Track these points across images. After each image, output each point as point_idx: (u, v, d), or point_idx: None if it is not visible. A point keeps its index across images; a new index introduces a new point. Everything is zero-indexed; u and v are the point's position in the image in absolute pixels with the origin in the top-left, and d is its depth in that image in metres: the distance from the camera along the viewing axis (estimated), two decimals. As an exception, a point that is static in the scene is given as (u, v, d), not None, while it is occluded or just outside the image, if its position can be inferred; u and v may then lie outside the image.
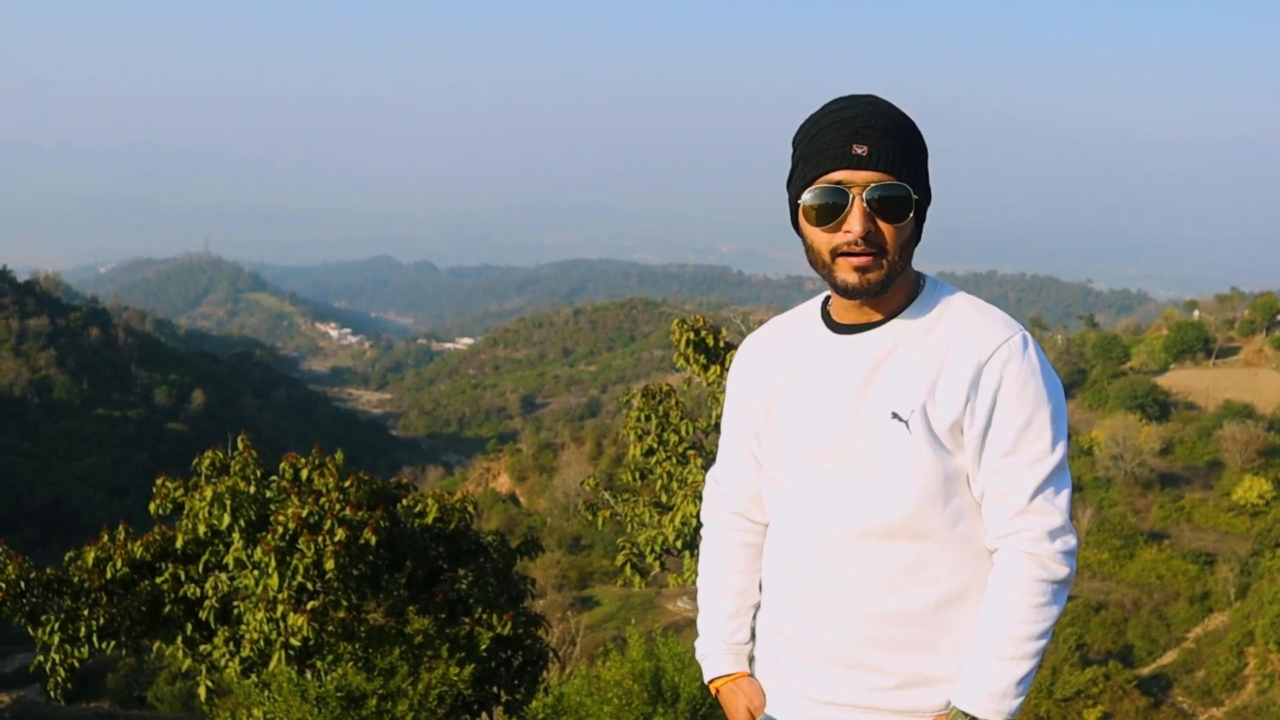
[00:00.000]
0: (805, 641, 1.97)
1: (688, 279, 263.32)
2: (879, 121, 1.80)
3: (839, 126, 1.81)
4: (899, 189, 1.78)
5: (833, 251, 1.83)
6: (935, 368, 1.85)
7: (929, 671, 1.91)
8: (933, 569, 1.88)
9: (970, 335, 1.86)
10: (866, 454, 1.87)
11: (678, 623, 33.23)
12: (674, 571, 7.72)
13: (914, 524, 1.86)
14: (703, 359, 7.26)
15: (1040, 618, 1.85)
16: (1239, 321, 70.66)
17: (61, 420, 76.09)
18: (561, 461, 60.92)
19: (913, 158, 1.82)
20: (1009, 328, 1.87)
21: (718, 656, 2.13)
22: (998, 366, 1.83)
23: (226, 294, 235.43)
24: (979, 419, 1.84)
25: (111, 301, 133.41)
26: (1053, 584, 1.85)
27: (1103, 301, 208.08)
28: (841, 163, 1.79)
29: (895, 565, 1.88)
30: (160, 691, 25.26)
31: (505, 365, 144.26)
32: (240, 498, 6.33)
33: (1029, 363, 1.85)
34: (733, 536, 2.16)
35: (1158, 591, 41.77)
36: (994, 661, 1.85)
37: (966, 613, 1.90)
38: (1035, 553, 1.85)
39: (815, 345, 1.97)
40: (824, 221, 1.82)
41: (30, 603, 6.15)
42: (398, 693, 5.52)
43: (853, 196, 1.78)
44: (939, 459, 1.85)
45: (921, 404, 1.84)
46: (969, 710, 1.85)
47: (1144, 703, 32.22)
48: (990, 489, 1.87)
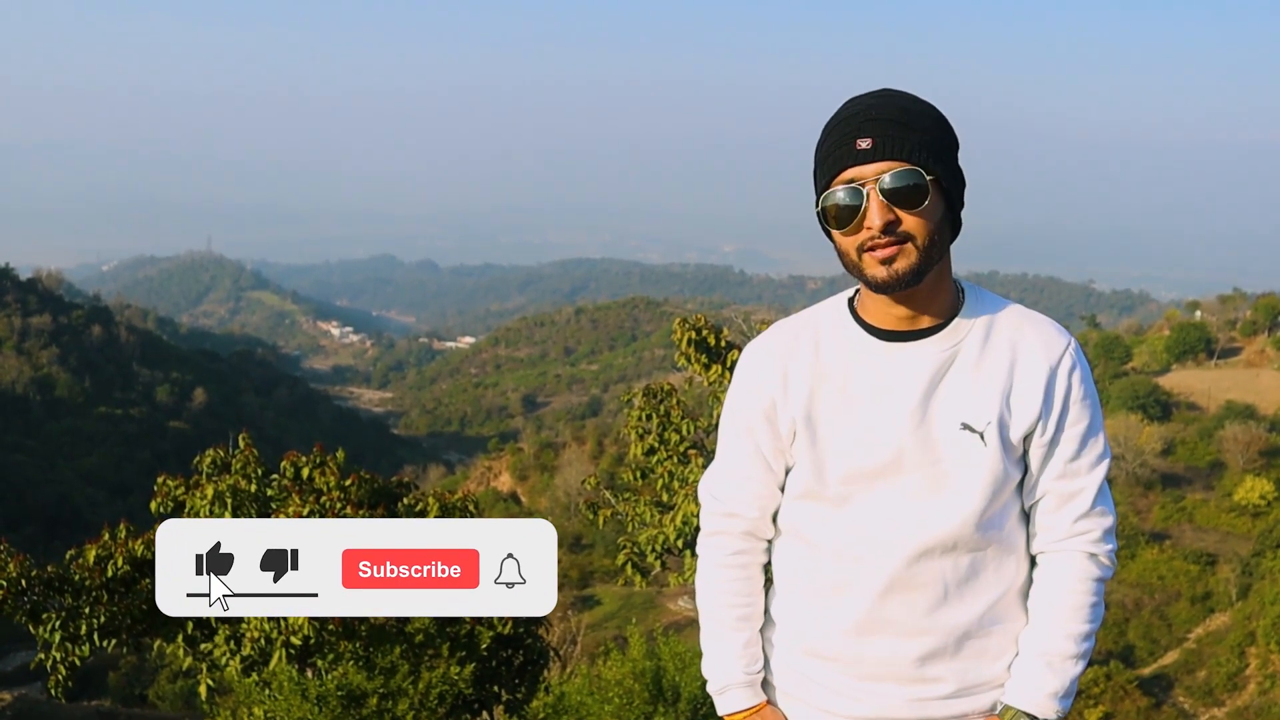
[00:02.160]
0: (855, 660, 1.91)
1: (690, 278, 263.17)
2: (882, 112, 1.77)
3: (844, 125, 1.79)
4: (910, 174, 1.74)
5: (859, 249, 1.79)
6: (1004, 378, 1.84)
7: (980, 677, 1.91)
8: (984, 576, 1.89)
9: (1035, 343, 1.86)
10: (932, 467, 1.84)
11: (679, 622, 33.23)
12: (675, 571, 7.72)
13: (977, 536, 1.85)
14: (704, 358, 7.26)
15: (1095, 616, 1.90)
16: (1241, 322, 70.58)
17: (64, 418, 76.13)
18: (563, 460, 60.92)
19: (927, 141, 1.77)
20: (1065, 334, 1.90)
21: (738, 690, 2.01)
22: (1066, 374, 1.86)
23: (228, 292, 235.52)
24: (1050, 427, 1.85)
25: (114, 300, 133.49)
26: (1103, 583, 1.92)
27: (1105, 302, 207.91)
28: (849, 160, 1.76)
29: (953, 578, 1.87)
30: (162, 690, 25.29)
31: (507, 364, 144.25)
32: (241, 496, 6.34)
33: (1087, 369, 1.89)
34: (741, 559, 2.03)
35: (1159, 592, 41.73)
36: (1053, 660, 1.87)
37: (1009, 615, 1.92)
38: (1095, 553, 1.89)
39: (860, 354, 1.89)
40: (845, 223, 1.78)
41: (31, 601, 6.16)
42: (398, 692, 5.52)
43: (866, 191, 1.75)
44: (1008, 470, 1.85)
45: (998, 415, 1.83)
46: (1030, 710, 1.86)
47: (1145, 703, 32.19)
48: (1053, 493, 1.88)
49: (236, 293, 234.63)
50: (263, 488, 6.62)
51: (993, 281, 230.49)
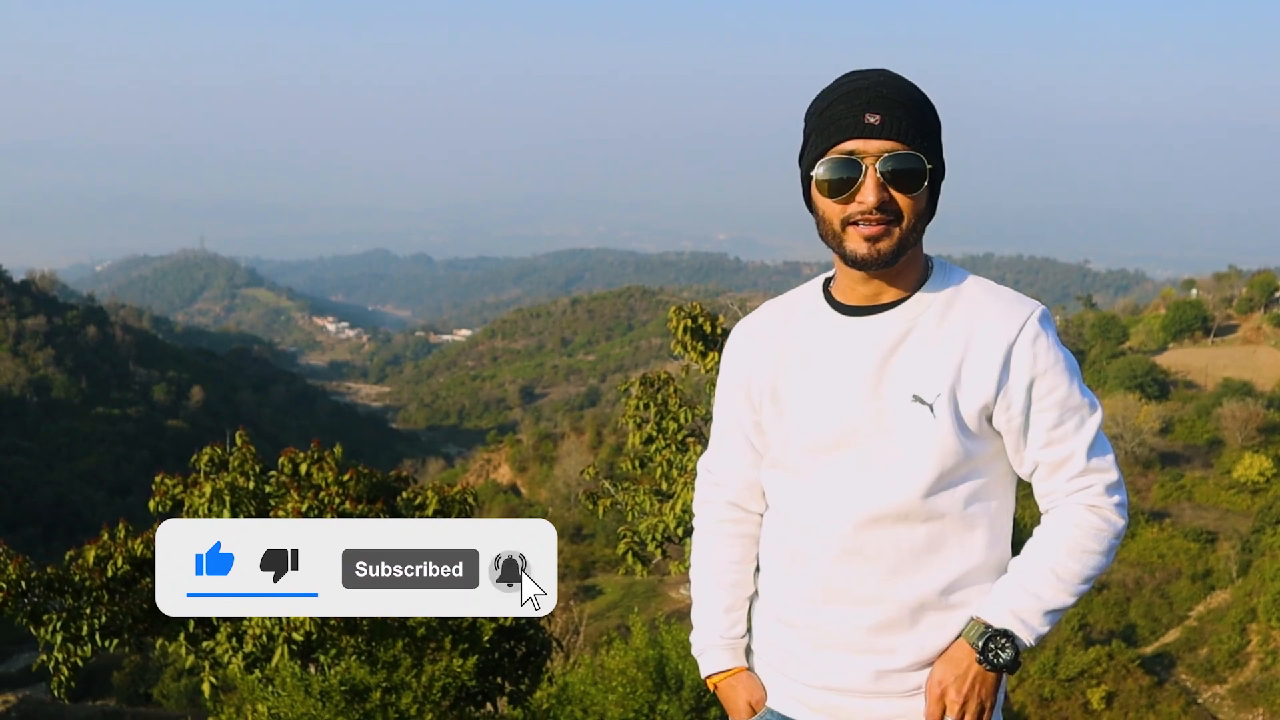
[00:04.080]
0: (813, 628, 1.94)
1: (685, 267, 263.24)
2: (891, 92, 1.79)
3: (851, 97, 1.79)
4: (913, 159, 1.77)
5: (844, 221, 1.81)
6: (959, 351, 1.83)
7: (938, 652, 1.89)
8: (945, 550, 1.87)
9: (993, 317, 1.85)
10: (884, 437, 1.85)
11: (681, 610, 33.27)
12: (676, 559, 7.73)
13: (928, 506, 1.85)
14: (700, 346, 7.26)
15: (1087, 561, 1.87)
16: (1237, 299, 70.64)
17: (61, 419, 76.16)
18: (562, 451, 61.00)
19: (926, 129, 1.80)
20: (1027, 305, 1.87)
21: (715, 652, 2.09)
22: (1027, 345, 1.83)
23: (223, 290, 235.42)
24: (1016, 400, 1.84)
25: (108, 300, 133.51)
26: (1109, 535, 1.88)
27: (1100, 282, 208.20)
28: (854, 132, 1.77)
29: (907, 549, 1.86)
30: (166, 688, 25.29)
31: (504, 356, 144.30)
32: (239, 493, 6.33)
33: (1052, 335, 1.86)
34: (727, 527, 2.11)
35: (1159, 570, 41.84)
36: (1028, 583, 1.86)
37: (977, 591, 1.89)
38: (1096, 505, 1.88)
39: (823, 328, 1.93)
40: (838, 193, 1.79)
41: (32, 602, 6.15)
42: (401, 685, 5.52)
43: (865, 167, 1.77)
44: (960, 442, 1.83)
45: (949, 387, 1.82)
46: (987, 619, 1.85)
47: (1147, 681, 32.31)
48: (1044, 462, 1.88)
49: (231, 290, 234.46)
50: (261, 485, 6.61)
51: (988, 263, 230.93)
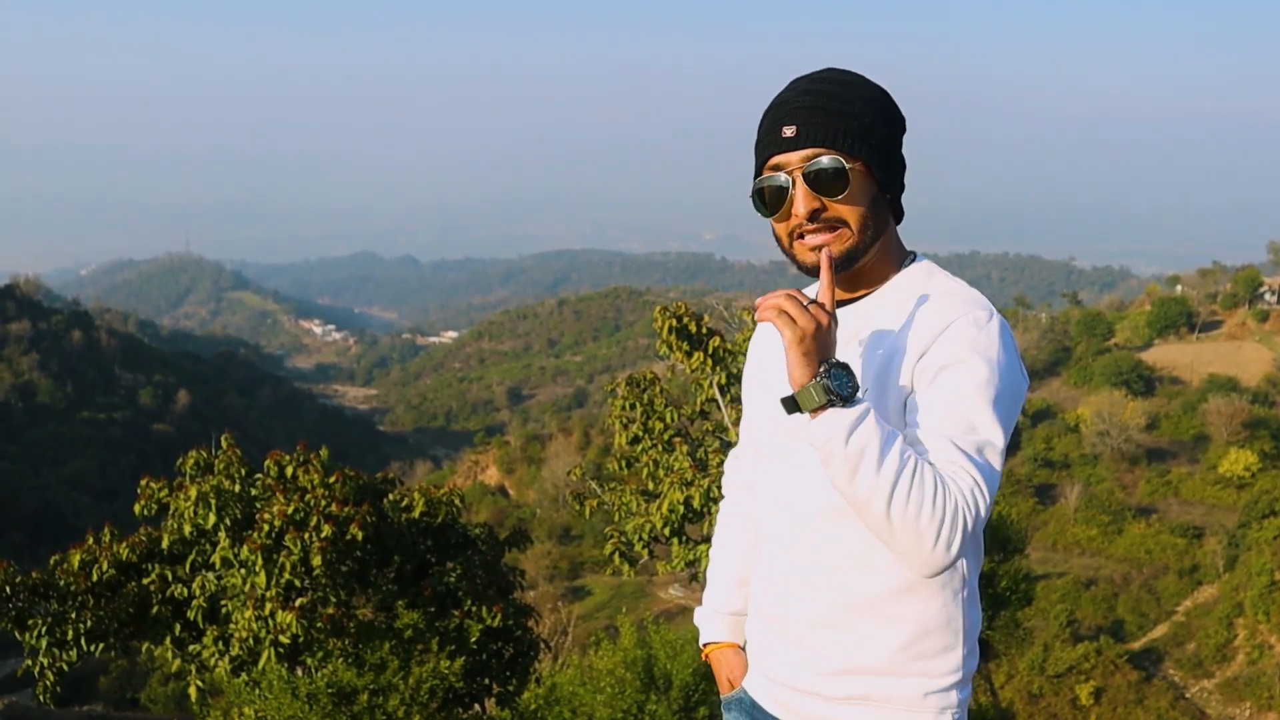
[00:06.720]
0: (771, 616, 1.96)
1: (671, 267, 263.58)
2: (808, 99, 1.77)
3: (773, 112, 1.81)
4: (831, 161, 1.73)
5: (790, 235, 1.81)
6: (890, 345, 1.79)
7: (867, 661, 1.84)
8: (884, 554, 1.77)
9: (931, 312, 1.77)
10: None
11: (669, 610, 33.29)
12: (663, 559, 7.72)
13: None
14: (685, 346, 7.26)
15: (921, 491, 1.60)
16: (1221, 295, 71.04)
17: (46, 424, 75.85)
18: (549, 452, 60.95)
19: (854, 127, 1.75)
20: (971, 305, 1.76)
21: (711, 621, 2.18)
22: (949, 337, 1.72)
23: (209, 293, 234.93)
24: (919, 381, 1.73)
25: (93, 304, 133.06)
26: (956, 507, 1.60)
27: (1085, 279, 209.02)
28: (775, 148, 1.78)
29: (853, 546, 1.81)
30: (153, 693, 25.21)
31: (491, 358, 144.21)
32: (225, 496, 6.31)
33: (985, 335, 1.72)
34: (739, 505, 2.20)
35: (1147, 566, 42.03)
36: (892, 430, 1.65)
37: (916, 609, 1.81)
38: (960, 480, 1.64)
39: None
40: (774, 210, 1.80)
41: (17, 607, 6.13)
42: (389, 687, 5.51)
43: (793, 179, 1.76)
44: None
45: (874, 381, 1.77)
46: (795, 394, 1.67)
47: (1136, 676, 32.43)
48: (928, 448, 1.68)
49: (217, 294, 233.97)
50: (246, 487, 6.59)
51: (974, 261, 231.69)
